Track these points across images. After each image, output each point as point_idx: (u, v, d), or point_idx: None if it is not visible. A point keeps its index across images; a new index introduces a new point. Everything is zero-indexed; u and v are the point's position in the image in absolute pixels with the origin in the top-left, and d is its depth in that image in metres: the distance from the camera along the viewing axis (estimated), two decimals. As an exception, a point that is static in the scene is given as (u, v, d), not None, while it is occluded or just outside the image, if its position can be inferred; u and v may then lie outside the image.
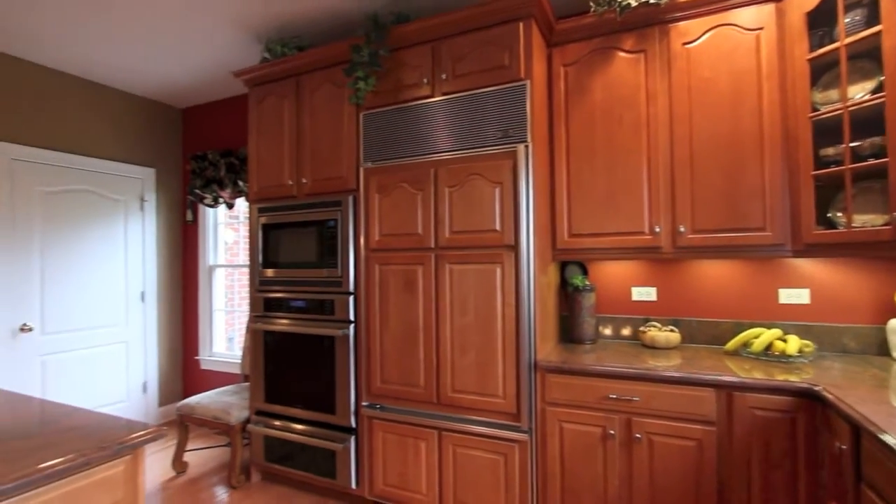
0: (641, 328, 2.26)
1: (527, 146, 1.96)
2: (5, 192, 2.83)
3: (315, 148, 2.51)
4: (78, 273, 3.17)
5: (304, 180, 2.54)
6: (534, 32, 2.02)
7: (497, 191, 2.01)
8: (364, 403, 2.35)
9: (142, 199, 3.55)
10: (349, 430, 2.41)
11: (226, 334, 3.97)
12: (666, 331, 2.17)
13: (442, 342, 2.13)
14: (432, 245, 2.16)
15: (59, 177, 3.09)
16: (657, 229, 2.01)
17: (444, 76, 2.13)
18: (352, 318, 2.39)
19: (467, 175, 2.07)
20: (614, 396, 1.84)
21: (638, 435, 1.80)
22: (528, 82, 1.97)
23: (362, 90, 2.24)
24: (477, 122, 2.05)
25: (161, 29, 2.60)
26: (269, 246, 2.65)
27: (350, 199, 2.39)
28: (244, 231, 4.10)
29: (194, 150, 3.81)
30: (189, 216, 3.74)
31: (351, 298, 2.38)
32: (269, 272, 2.65)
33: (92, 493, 1.17)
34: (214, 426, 2.75)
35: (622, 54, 2.10)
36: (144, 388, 3.58)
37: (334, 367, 2.42)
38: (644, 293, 2.34)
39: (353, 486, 2.37)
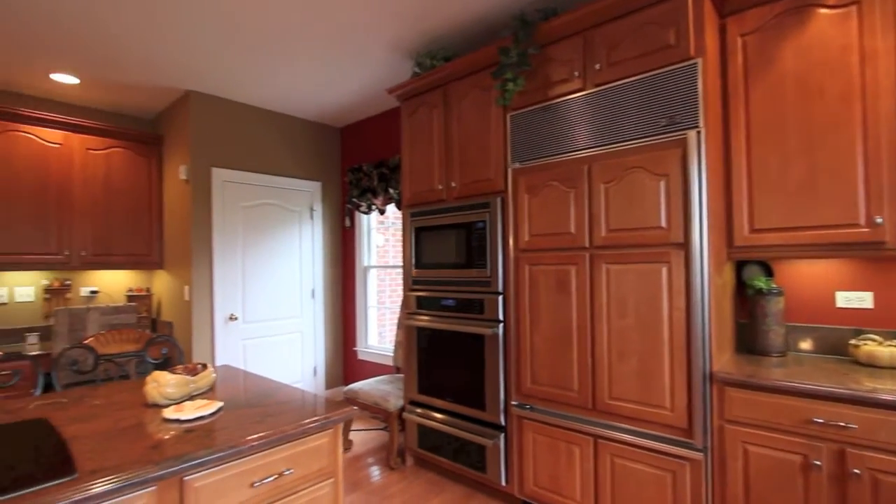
0: (852, 341, 1.87)
1: (698, 132, 1.77)
2: (219, 208, 3.48)
3: (463, 153, 2.60)
4: (267, 273, 3.76)
5: (452, 184, 2.65)
6: (705, 2, 1.81)
7: (662, 184, 1.85)
8: (514, 402, 2.36)
9: (311, 209, 4.08)
10: (498, 428, 2.44)
11: (378, 329, 4.34)
12: (891, 346, 1.76)
13: (598, 346, 2.03)
14: (586, 244, 2.07)
15: (254, 193, 3.70)
16: (878, 220, 1.65)
17: (597, 66, 2.04)
18: (501, 317, 2.42)
19: (625, 169, 1.95)
20: (820, 421, 1.55)
21: (856, 470, 1.49)
22: (699, 60, 1.77)
23: (511, 91, 2.25)
24: (636, 111, 1.92)
25: (328, 62, 2.95)
26: (420, 248, 2.82)
27: (498, 200, 2.42)
28: (392, 235, 4.44)
29: (351, 164, 4.24)
30: (347, 222, 4.17)
31: (500, 298, 2.41)
32: (421, 272, 2.82)
33: (306, 459, 1.36)
34: (375, 411, 3.02)
35: (824, 11, 1.76)
36: (315, 372, 4.10)
37: (484, 364, 2.47)
38: (854, 299, 1.94)
39: (503, 482, 2.39)
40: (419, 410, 2.83)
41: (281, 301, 3.85)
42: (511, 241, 2.37)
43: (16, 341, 3.42)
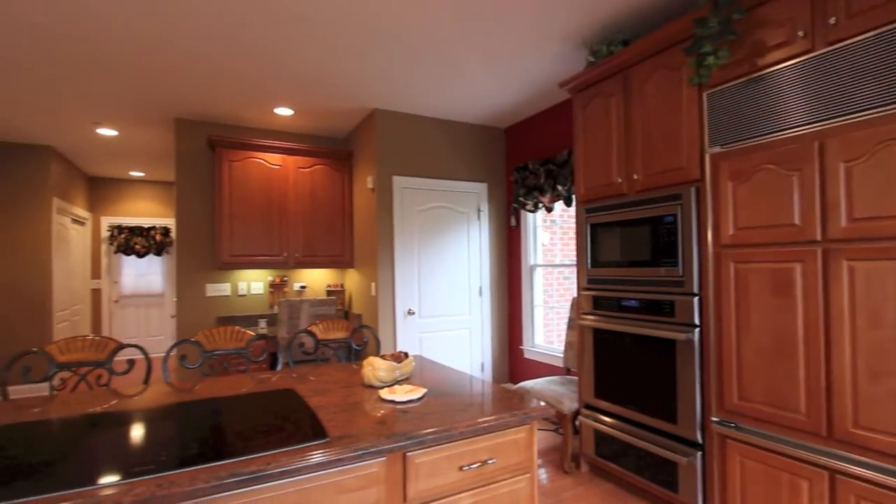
0: None
1: None
2: (398, 213, 3.84)
3: (646, 142, 2.41)
4: (439, 271, 4.02)
5: (634, 177, 2.46)
6: None
7: (941, 157, 1.43)
8: (714, 419, 2.09)
9: (478, 210, 4.23)
10: (693, 445, 2.18)
11: (544, 328, 4.28)
12: None
13: (835, 361, 1.67)
14: (817, 237, 1.72)
15: (427, 198, 3.99)
16: None
17: (831, 21, 1.68)
18: (696, 321, 2.16)
19: (879, 142, 1.56)
20: None
21: None
22: None
23: (710, 66, 2.00)
24: (890, 70, 1.52)
25: (494, 65, 3.01)
26: (596, 245, 2.69)
27: (692, 190, 2.17)
28: (559, 232, 4.35)
29: (516, 163, 4.28)
30: (513, 221, 4.21)
31: (695, 300, 2.16)
32: (598, 271, 2.69)
33: (507, 451, 1.40)
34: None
35: None
36: (482, 368, 4.23)
37: (675, 372, 2.24)
38: None
39: (702, 508, 2.13)
40: (596, 415, 2.71)
41: (451, 298, 4.08)
42: (710, 236, 2.10)
43: (251, 325, 4.28)
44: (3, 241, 4.71)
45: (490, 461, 1.36)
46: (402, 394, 1.54)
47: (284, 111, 3.90)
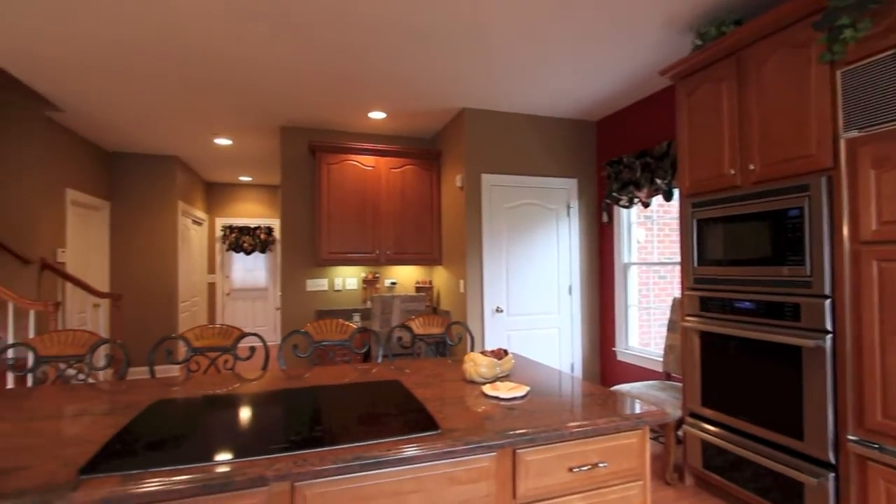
0: None
1: None
2: (487, 211, 3.86)
3: (765, 128, 2.19)
4: (527, 269, 3.98)
5: (750, 167, 2.25)
6: None
7: None
8: (851, 437, 1.85)
9: (568, 207, 4.12)
10: (824, 465, 1.96)
11: (639, 330, 4.07)
12: None
13: None
14: None
15: (516, 195, 3.96)
16: None
17: None
18: (828, 327, 1.93)
19: None
20: None
21: None
22: None
23: (847, 40, 1.77)
24: None
25: (585, 57, 2.91)
26: (704, 242, 2.51)
27: (822, 180, 1.94)
28: (655, 229, 4.11)
29: (608, 157, 4.10)
30: (605, 218, 4.05)
31: (827, 303, 1.93)
32: (706, 269, 2.50)
33: (618, 455, 1.36)
34: (647, 419, 2.83)
35: None
36: (572, 368, 4.13)
37: (800, 382, 2.02)
38: None
39: (836, 537, 1.90)
40: (703, 425, 2.52)
41: (540, 296, 4.02)
42: (845, 231, 1.87)
43: (346, 319, 4.54)
44: (139, 239, 5.45)
45: (601, 465, 1.32)
46: (505, 391, 1.55)
47: (377, 115, 4.08)
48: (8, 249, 3.71)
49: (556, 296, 4.07)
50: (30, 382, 2.16)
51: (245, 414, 1.41)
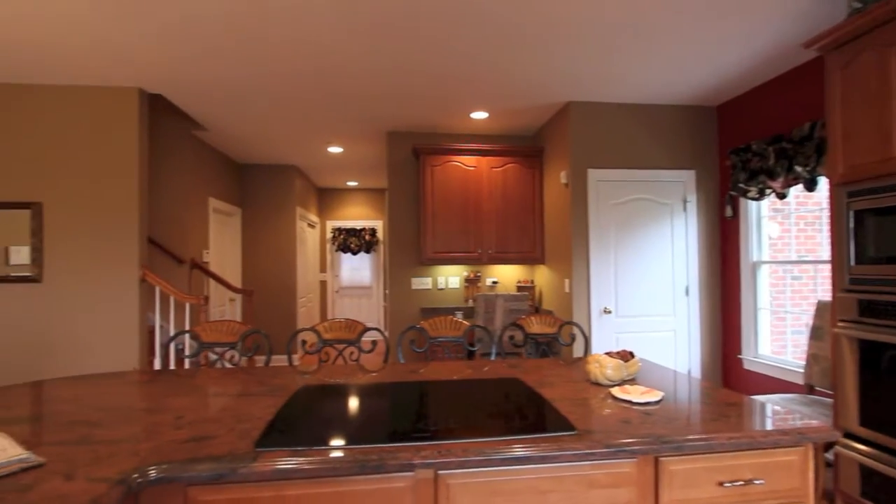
0: None
1: None
2: (594, 207, 3.71)
3: (953, 98, 1.83)
4: (637, 268, 3.76)
5: (932, 146, 1.90)
6: None
7: None
8: None
9: (684, 201, 3.81)
10: None
11: (771, 336, 3.64)
12: None
13: None
14: None
15: (624, 190, 3.76)
16: None
17: None
18: None
19: None
20: None
21: None
22: None
23: None
24: None
25: (704, 38, 2.65)
26: (864, 236, 2.16)
27: None
28: (793, 224, 3.65)
29: (732, 145, 3.73)
30: (728, 212, 3.68)
31: None
32: (866, 269, 2.16)
33: (776, 473, 1.22)
34: (788, 436, 2.52)
35: None
36: (689, 375, 3.81)
37: None
38: None
39: None
40: (861, 447, 2.18)
41: (652, 298, 3.77)
42: None
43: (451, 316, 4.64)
44: (265, 241, 6.07)
45: (756, 482, 1.20)
46: (637, 394, 1.47)
47: (480, 115, 4.12)
48: (166, 251, 4.35)
49: (670, 297, 3.79)
50: (186, 364, 2.51)
51: (380, 402, 1.50)
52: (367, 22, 2.53)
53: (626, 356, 1.72)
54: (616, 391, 1.53)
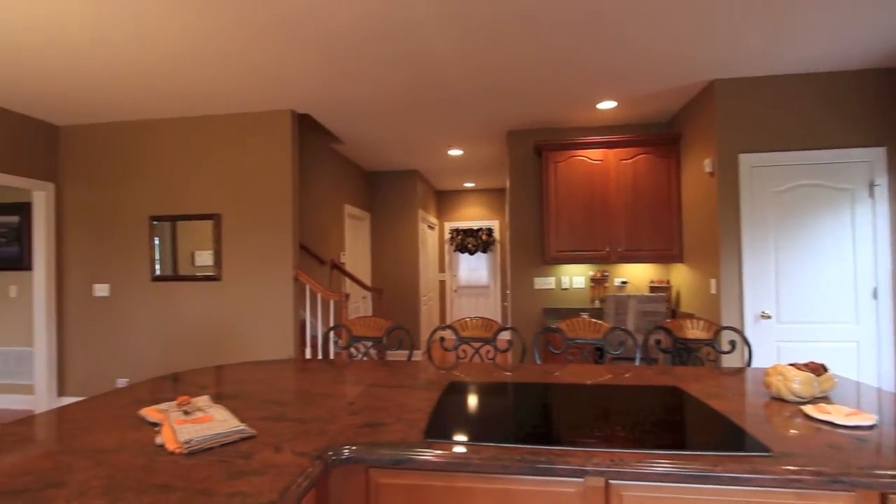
0: None
1: None
2: (747, 197, 3.28)
3: None
4: (806, 266, 3.23)
5: None
6: None
7: None
8: None
9: (871, 184, 3.18)
10: None
11: None
12: None
13: None
14: None
15: (786, 175, 3.26)
16: None
17: None
18: None
19: None
20: None
21: None
22: None
23: None
24: None
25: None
26: None
27: None
28: None
29: (938, 113, 3.02)
30: (934, 196, 2.98)
31: None
32: None
33: None
34: None
35: None
36: (879, 397, 3.17)
37: None
38: None
39: None
40: None
41: (826, 301, 3.21)
42: None
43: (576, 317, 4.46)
44: (391, 242, 6.45)
45: None
46: (839, 416, 1.25)
47: (607, 105, 3.90)
48: (311, 253, 4.85)
49: (851, 301, 3.19)
50: (331, 355, 2.76)
51: (531, 403, 1.48)
52: (479, 21, 2.53)
53: (818, 369, 1.47)
54: (810, 410, 1.31)
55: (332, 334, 3.92)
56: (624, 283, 4.47)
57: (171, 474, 0.98)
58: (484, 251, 7.84)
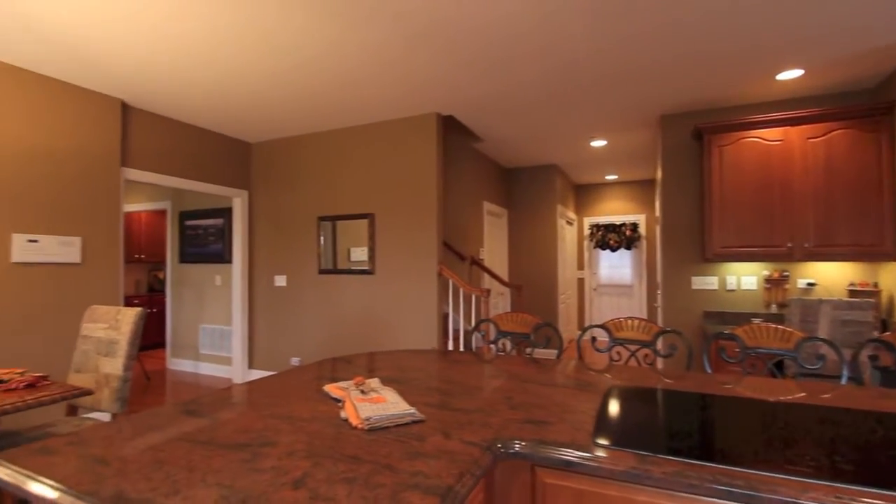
0: None
1: None
2: None
3: None
4: None
5: None
6: None
7: None
8: None
9: None
10: None
11: None
12: None
13: None
14: None
15: None
16: None
17: None
18: None
19: None
20: None
21: None
22: None
23: None
24: None
25: None
26: None
27: None
28: None
29: None
30: None
31: None
32: None
33: None
34: None
35: None
36: None
37: None
38: None
39: None
40: None
41: None
42: None
43: (744, 324, 3.88)
44: (528, 239, 6.38)
45: None
46: None
47: (791, 74, 3.30)
48: (453, 249, 5.03)
49: None
50: (465, 347, 2.80)
51: (708, 415, 1.30)
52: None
53: None
54: None
55: (480, 328, 4.01)
56: (811, 284, 3.75)
57: (357, 447, 1.08)
58: (627, 248, 7.29)
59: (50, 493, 0.87)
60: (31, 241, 3.21)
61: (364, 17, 2.53)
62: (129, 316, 2.37)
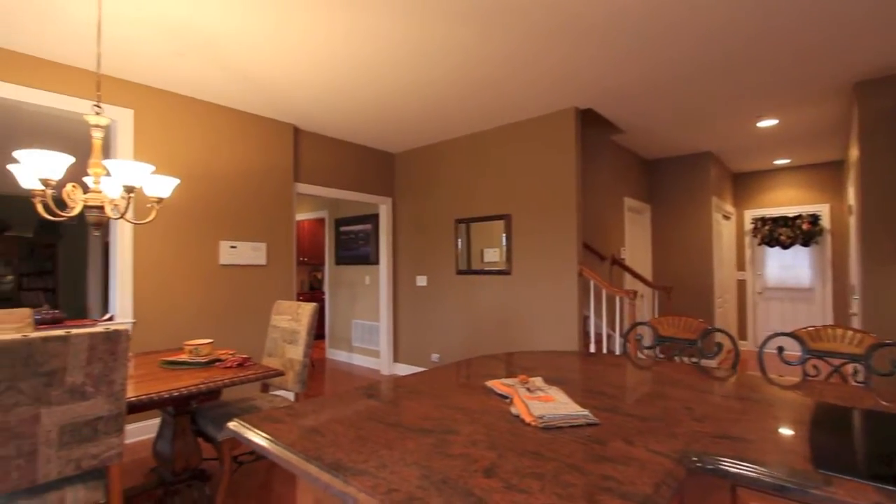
0: None
1: None
2: None
3: None
4: None
5: None
6: None
7: None
8: None
9: None
10: None
11: None
12: None
13: None
14: None
15: None
16: None
17: None
18: None
19: None
20: None
21: None
22: None
23: None
24: None
25: None
26: None
27: None
28: None
29: None
30: None
31: None
32: None
33: None
34: None
35: None
36: None
37: None
38: None
39: None
40: None
41: None
42: None
43: None
44: (675, 236, 5.80)
45: None
46: None
47: None
48: (591, 249, 4.80)
49: None
50: (613, 351, 2.60)
51: None
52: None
53: None
54: None
55: (636, 331, 3.76)
56: None
57: (536, 443, 1.07)
58: (804, 244, 6.19)
59: (286, 454, 1.03)
60: (232, 246, 3.89)
61: (500, 22, 2.55)
62: (307, 310, 2.72)
